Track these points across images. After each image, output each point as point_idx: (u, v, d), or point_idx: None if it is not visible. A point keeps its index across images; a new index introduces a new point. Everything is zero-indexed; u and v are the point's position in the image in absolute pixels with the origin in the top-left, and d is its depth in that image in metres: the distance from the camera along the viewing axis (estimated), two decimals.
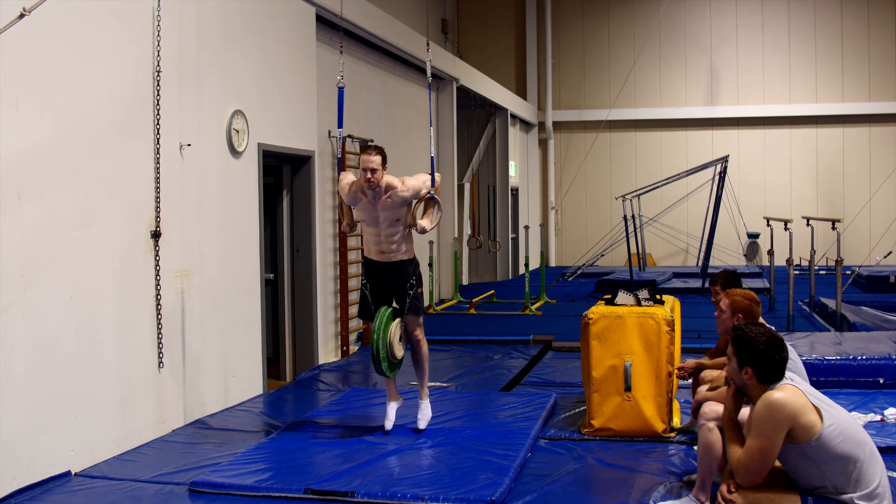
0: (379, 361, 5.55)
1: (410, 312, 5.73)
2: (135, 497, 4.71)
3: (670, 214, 17.67)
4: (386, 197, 5.52)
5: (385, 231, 5.61)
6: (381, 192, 5.51)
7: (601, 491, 4.76)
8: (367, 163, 5.40)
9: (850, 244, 17.35)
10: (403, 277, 5.69)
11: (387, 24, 10.80)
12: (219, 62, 6.76)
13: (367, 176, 5.41)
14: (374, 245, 5.68)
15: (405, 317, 5.73)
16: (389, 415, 5.86)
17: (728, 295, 4.70)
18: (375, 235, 5.64)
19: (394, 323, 5.63)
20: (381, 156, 5.45)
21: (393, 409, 5.88)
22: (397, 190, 5.51)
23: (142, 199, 5.81)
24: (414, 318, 5.77)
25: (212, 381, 6.62)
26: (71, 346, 5.14)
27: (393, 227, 5.60)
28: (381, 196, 5.52)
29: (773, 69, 20.05)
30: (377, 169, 5.41)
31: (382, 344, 5.52)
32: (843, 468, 3.48)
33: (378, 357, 5.53)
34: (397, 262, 5.68)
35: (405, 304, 5.70)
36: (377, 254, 5.69)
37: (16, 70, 4.74)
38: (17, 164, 4.75)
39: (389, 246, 5.63)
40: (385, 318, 5.59)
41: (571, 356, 8.36)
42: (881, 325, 9.39)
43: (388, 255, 5.66)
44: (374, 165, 5.40)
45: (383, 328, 5.55)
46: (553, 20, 20.50)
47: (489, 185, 17.28)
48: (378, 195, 5.52)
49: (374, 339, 5.50)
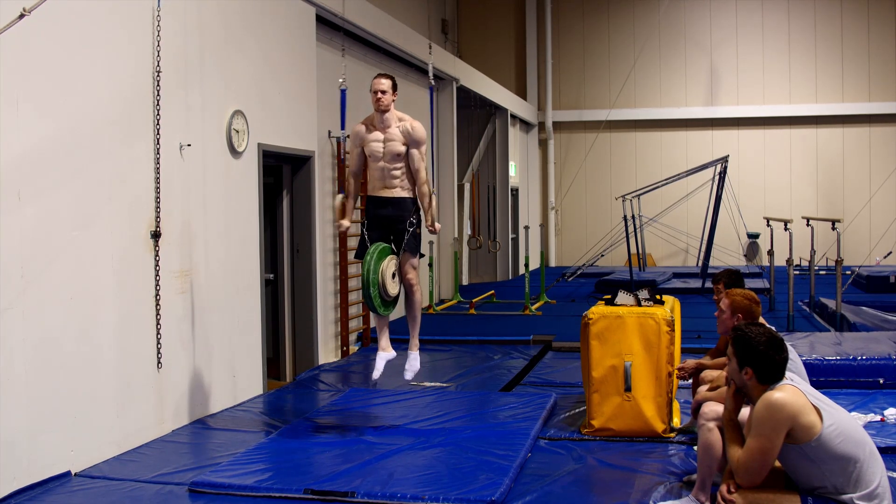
0: (368, 288, 5.54)
1: (407, 249, 5.77)
2: (135, 497, 4.71)
3: (670, 214, 17.67)
4: (394, 126, 5.70)
5: (389, 165, 5.71)
6: (389, 122, 5.70)
7: (601, 491, 4.76)
8: (378, 85, 5.67)
9: (850, 244, 17.35)
10: (403, 214, 5.75)
11: (387, 24, 10.81)
12: (219, 62, 6.76)
13: (377, 97, 5.65)
14: (379, 181, 5.77)
15: (401, 254, 5.76)
16: (378, 364, 5.91)
17: (728, 295, 4.70)
18: (380, 170, 5.75)
19: (388, 258, 5.65)
20: (391, 80, 5.71)
21: (383, 360, 5.92)
22: (406, 121, 5.73)
23: (142, 199, 5.81)
24: (409, 255, 5.80)
25: (212, 381, 6.62)
26: (71, 346, 5.14)
27: (396, 162, 5.71)
28: (391, 124, 5.70)
29: (773, 69, 20.05)
30: (387, 91, 5.65)
31: (374, 268, 5.52)
32: (843, 468, 3.48)
33: (367, 282, 5.52)
34: (399, 197, 5.76)
35: (402, 240, 5.74)
36: (381, 188, 5.77)
37: (16, 70, 4.74)
38: (17, 164, 4.75)
39: (392, 181, 5.74)
40: (378, 251, 5.62)
41: (571, 356, 8.35)
42: (881, 325, 9.39)
43: (390, 190, 5.75)
44: (383, 87, 5.66)
45: (375, 259, 5.57)
46: (553, 20, 20.50)
47: (489, 185, 17.28)
48: (387, 123, 5.70)
49: (366, 265, 5.52)
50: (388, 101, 5.68)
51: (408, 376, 5.97)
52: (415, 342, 5.99)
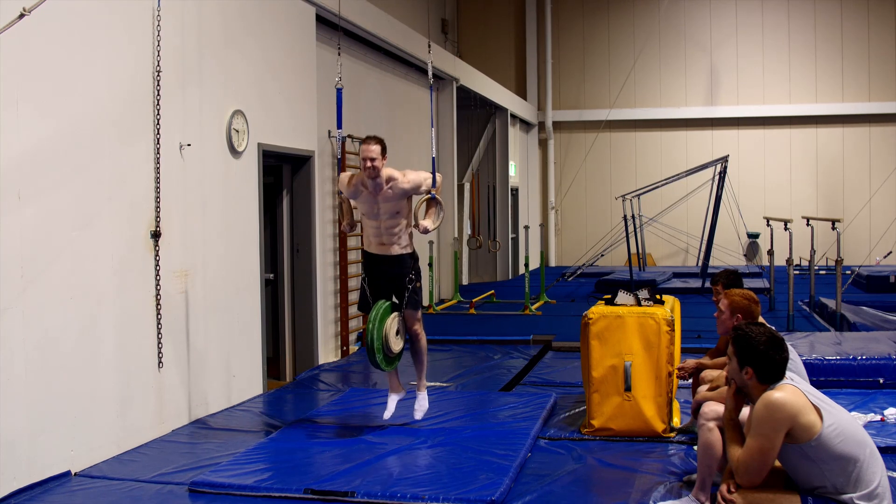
0: (373, 352, 5.54)
1: (409, 307, 5.74)
2: (135, 497, 4.71)
3: (670, 214, 17.67)
4: (387, 188, 5.54)
5: (385, 224, 5.63)
6: (381, 184, 5.54)
7: (601, 491, 4.76)
8: (367, 152, 5.46)
9: (850, 244, 17.35)
10: (402, 271, 5.70)
11: (387, 24, 10.81)
12: (219, 62, 6.76)
13: (367, 165, 5.46)
14: (375, 238, 5.69)
15: (404, 311, 5.73)
16: (390, 406, 5.90)
17: (727, 295, 4.70)
18: (376, 228, 5.66)
19: (391, 316, 5.63)
20: (380, 145, 5.50)
21: (394, 401, 5.92)
22: (398, 181, 5.54)
23: (142, 199, 5.81)
24: (412, 312, 5.77)
25: (212, 381, 6.62)
26: (71, 346, 5.14)
27: (393, 220, 5.61)
28: (382, 187, 5.54)
29: (773, 69, 20.06)
30: (376, 157, 5.46)
31: (377, 335, 5.51)
32: (843, 468, 3.47)
33: (372, 348, 5.52)
34: (397, 255, 5.69)
35: (404, 298, 5.71)
36: (377, 246, 5.70)
37: (16, 70, 4.74)
38: (17, 164, 4.75)
39: (390, 238, 5.65)
40: (381, 311, 5.58)
41: (571, 356, 8.35)
42: (881, 325, 9.39)
43: (387, 247, 5.67)
44: (373, 154, 5.45)
45: (379, 320, 5.54)
46: (553, 20, 20.50)
47: (489, 185, 17.28)
48: (378, 186, 5.54)
49: (370, 330, 5.51)
50: (379, 168, 5.49)
51: (417, 416, 5.92)
52: (422, 383, 5.99)
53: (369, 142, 5.50)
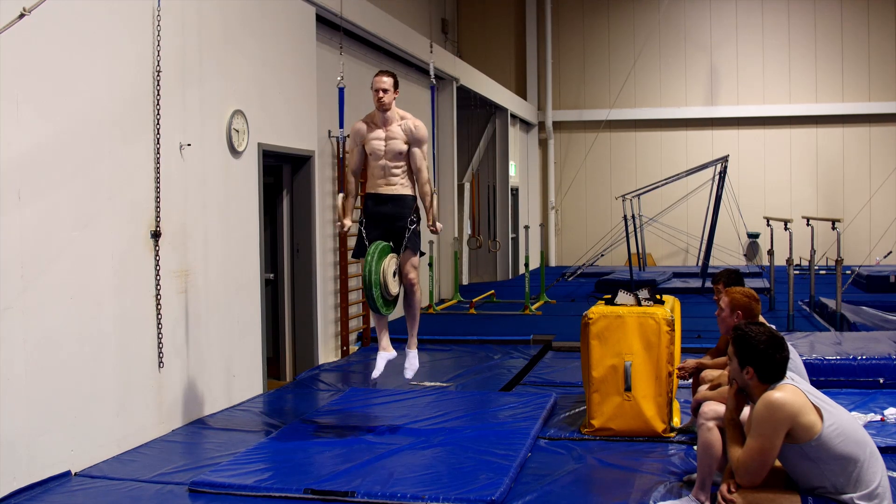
0: (371, 289, 5.46)
1: (408, 247, 5.71)
2: (135, 497, 4.71)
3: (670, 214, 17.67)
4: (396, 124, 5.66)
5: (390, 164, 5.67)
6: (391, 118, 5.66)
7: (601, 491, 4.76)
8: (379, 83, 5.60)
9: (850, 244, 17.34)
10: (403, 211, 5.70)
11: (387, 23, 10.81)
12: (219, 62, 6.76)
13: (379, 96, 5.58)
14: (380, 178, 5.72)
15: (402, 252, 5.71)
16: (378, 364, 5.89)
17: (727, 293, 4.71)
18: (381, 168, 5.70)
19: (388, 256, 5.58)
20: (392, 78, 5.65)
21: (383, 360, 5.90)
22: (408, 119, 5.69)
23: (142, 199, 5.81)
24: (410, 254, 5.74)
25: (212, 381, 6.62)
26: (71, 346, 5.14)
27: (397, 161, 5.67)
28: (392, 121, 5.66)
29: (773, 69, 20.06)
30: (388, 90, 5.59)
31: (376, 268, 5.45)
32: (843, 468, 3.47)
33: (370, 283, 5.44)
34: (399, 195, 5.71)
35: (403, 239, 5.69)
36: (382, 185, 5.72)
37: (16, 70, 4.74)
38: (17, 164, 4.75)
39: (392, 178, 5.69)
40: (379, 249, 5.54)
41: (571, 356, 8.35)
42: (881, 325, 9.39)
43: (391, 187, 5.70)
44: (385, 86, 5.59)
45: (376, 258, 5.49)
46: (553, 20, 20.50)
47: (489, 185, 17.28)
48: (388, 120, 5.65)
49: (367, 263, 5.46)
50: (390, 100, 5.63)
51: (408, 375, 5.96)
52: (413, 341, 5.97)
53: (382, 73, 5.66)
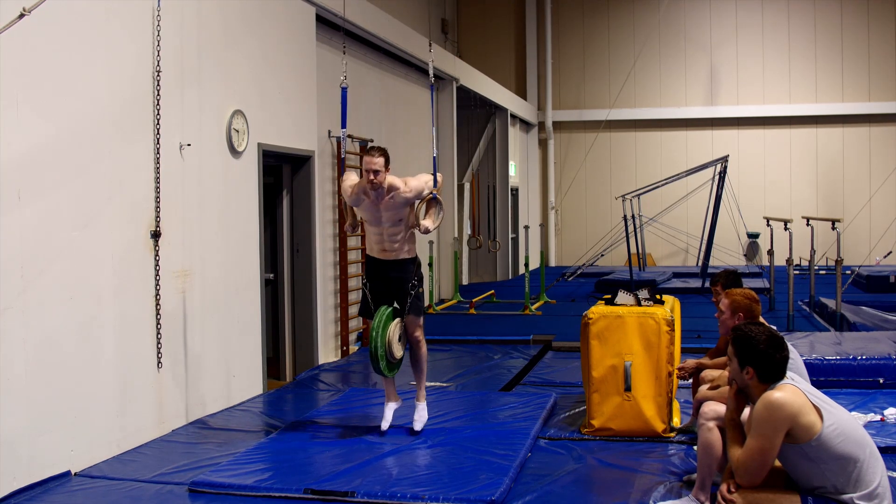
0: (377, 360, 5.54)
1: (411, 312, 5.72)
2: (135, 497, 4.71)
3: (670, 214, 17.66)
4: (388, 197, 5.52)
5: (388, 231, 5.62)
6: (383, 193, 5.52)
7: (601, 491, 4.76)
8: (370, 164, 5.41)
9: (850, 244, 17.34)
10: (405, 276, 5.69)
11: (387, 23, 10.81)
12: (219, 62, 6.76)
13: (370, 178, 5.41)
14: (377, 244, 5.69)
15: (405, 317, 5.72)
16: (387, 415, 5.85)
17: (728, 295, 4.70)
18: (378, 235, 5.65)
19: (393, 322, 5.62)
20: (383, 157, 5.46)
21: (391, 410, 5.88)
22: (400, 191, 5.51)
23: (142, 199, 5.81)
24: (414, 318, 5.76)
25: (212, 381, 6.62)
26: (71, 346, 5.14)
27: (395, 227, 5.61)
28: (384, 197, 5.52)
29: (773, 69, 20.05)
30: (380, 171, 5.42)
31: (381, 342, 5.51)
32: (843, 468, 3.47)
33: (376, 356, 5.52)
34: (399, 260, 5.68)
35: (406, 303, 5.69)
36: (379, 252, 5.69)
37: (16, 70, 4.74)
38: (17, 164, 4.75)
39: (392, 245, 5.65)
40: (385, 317, 5.58)
41: (571, 356, 8.35)
42: (881, 325, 9.39)
43: (390, 253, 5.67)
44: (376, 167, 5.40)
45: (382, 326, 5.54)
46: (553, 20, 20.49)
47: (489, 185, 17.28)
48: (381, 196, 5.52)
49: (373, 337, 5.50)
50: (382, 180, 5.46)
51: (417, 427, 5.83)
52: (422, 393, 5.94)
53: (372, 153, 5.45)
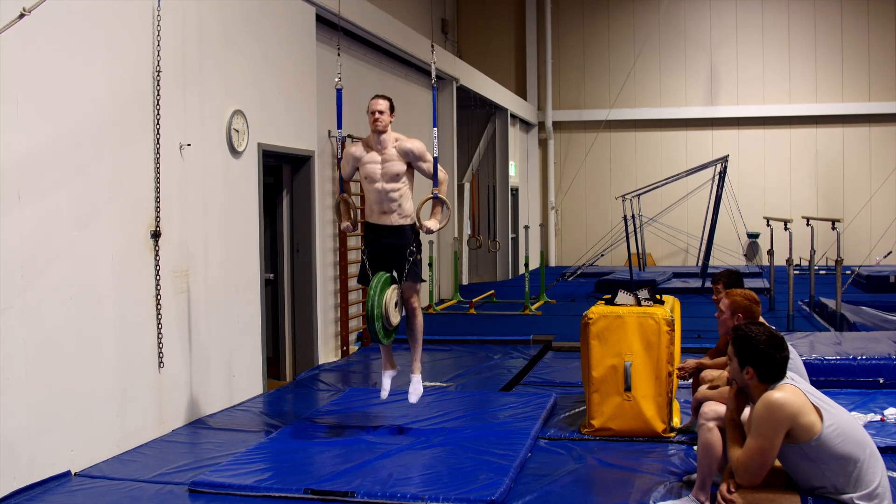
0: (373, 322, 5.52)
1: (409, 279, 5.73)
2: (135, 497, 4.71)
3: (670, 214, 17.67)
4: (392, 146, 5.65)
5: (387, 187, 5.64)
6: (387, 141, 5.65)
7: (601, 491, 4.76)
8: (375, 105, 5.62)
9: (850, 244, 17.34)
10: (403, 242, 5.70)
11: (387, 23, 10.81)
12: (219, 62, 6.76)
13: (375, 118, 5.59)
14: (376, 205, 5.70)
15: (403, 283, 5.73)
16: (384, 384, 5.92)
17: (728, 295, 4.70)
18: (377, 193, 5.67)
19: (390, 288, 5.62)
20: (388, 101, 5.67)
21: (388, 378, 5.94)
22: (403, 140, 5.69)
23: (142, 199, 5.81)
24: (411, 284, 5.77)
25: (212, 381, 6.62)
26: (71, 347, 5.14)
27: (394, 183, 5.64)
28: (388, 144, 5.65)
29: (773, 69, 20.05)
30: (384, 111, 5.61)
31: (377, 302, 5.50)
32: (843, 468, 3.47)
33: (372, 316, 5.50)
34: (398, 226, 5.70)
35: (404, 270, 5.70)
36: (378, 215, 5.71)
37: (16, 70, 4.74)
38: (17, 164, 4.75)
39: (390, 205, 5.66)
40: (382, 281, 5.59)
41: (571, 356, 8.35)
42: (881, 325, 9.39)
43: (388, 216, 5.68)
44: (381, 108, 5.61)
45: (379, 289, 5.54)
46: (553, 20, 20.49)
47: (489, 185, 17.28)
48: (384, 144, 5.64)
49: (370, 297, 5.50)
50: (386, 122, 5.60)
51: (412, 399, 5.91)
52: (417, 365, 5.96)
53: (378, 97, 5.69)
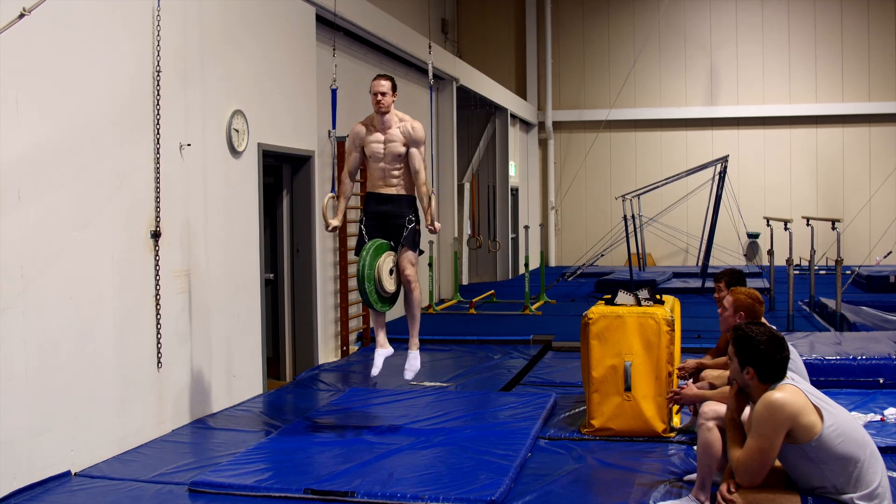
0: (363, 282, 5.50)
1: (405, 244, 5.75)
2: (135, 497, 4.71)
3: (670, 214, 17.67)
4: (395, 126, 5.71)
5: (389, 166, 5.72)
6: (390, 121, 5.71)
7: (601, 491, 4.76)
8: (378, 86, 5.68)
9: (850, 244, 17.34)
10: (402, 210, 5.76)
11: (386, 24, 10.81)
12: (219, 62, 6.76)
13: (377, 99, 5.65)
14: (380, 178, 5.78)
15: (399, 249, 5.75)
16: (377, 362, 5.93)
17: (732, 293, 4.71)
18: (381, 170, 5.76)
19: (385, 254, 5.64)
20: (390, 81, 5.72)
21: (381, 357, 5.94)
22: (407, 122, 5.74)
23: (142, 199, 5.81)
24: (408, 251, 5.78)
25: (212, 381, 6.62)
26: (71, 346, 5.14)
27: (396, 162, 5.72)
28: (391, 125, 5.71)
29: (773, 69, 20.06)
30: (387, 92, 5.66)
31: (369, 263, 5.49)
32: (843, 468, 3.47)
33: (363, 277, 5.49)
34: (398, 195, 5.77)
35: (401, 237, 5.73)
36: (382, 186, 5.77)
37: (16, 70, 4.74)
38: (17, 164, 4.75)
39: (392, 180, 5.75)
40: (374, 247, 5.61)
41: (571, 356, 8.35)
42: (881, 325, 9.39)
43: (390, 188, 5.76)
44: (383, 89, 5.66)
45: (371, 255, 5.55)
46: (553, 20, 20.50)
47: (489, 185, 17.29)
48: (387, 124, 5.70)
49: (361, 260, 5.50)
50: (389, 103, 5.69)
51: (408, 376, 5.97)
52: (415, 341, 5.97)
53: (380, 77, 5.73)
